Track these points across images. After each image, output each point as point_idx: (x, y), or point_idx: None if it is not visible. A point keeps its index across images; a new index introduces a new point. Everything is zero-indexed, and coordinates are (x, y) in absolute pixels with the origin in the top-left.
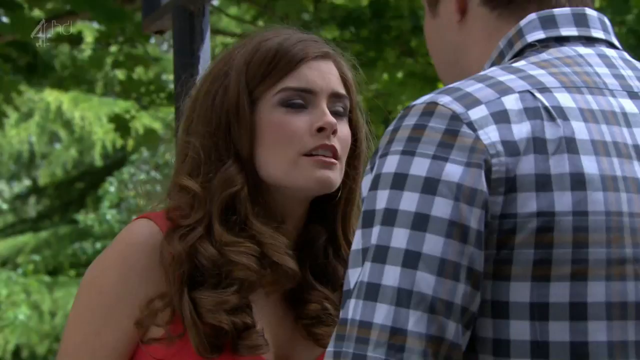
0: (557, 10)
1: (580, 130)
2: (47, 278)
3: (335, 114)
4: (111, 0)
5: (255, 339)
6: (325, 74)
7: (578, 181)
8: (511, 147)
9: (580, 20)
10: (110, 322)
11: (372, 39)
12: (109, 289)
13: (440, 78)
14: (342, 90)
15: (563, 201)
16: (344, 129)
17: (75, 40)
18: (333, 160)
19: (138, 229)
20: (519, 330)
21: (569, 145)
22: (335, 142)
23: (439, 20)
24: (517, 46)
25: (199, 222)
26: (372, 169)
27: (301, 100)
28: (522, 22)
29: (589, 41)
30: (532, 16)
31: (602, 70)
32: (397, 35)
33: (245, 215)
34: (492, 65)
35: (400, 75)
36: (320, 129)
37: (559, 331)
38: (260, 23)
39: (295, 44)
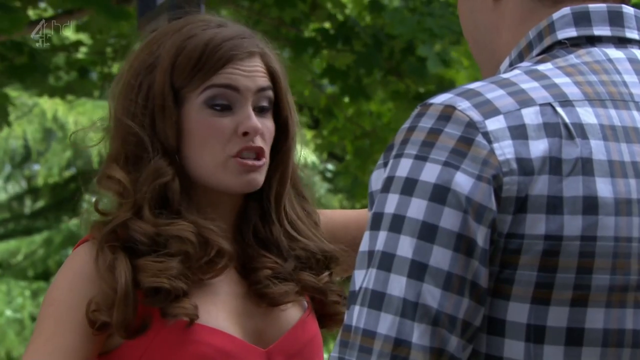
0: (592, 6)
1: (598, 149)
2: (40, 284)
3: (260, 110)
4: None
5: (185, 304)
6: (250, 73)
7: (590, 205)
8: (526, 166)
9: (615, 19)
10: (61, 327)
11: (363, 53)
12: (57, 299)
13: (475, 59)
14: (267, 83)
15: (573, 225)
16: (268, 122)
17: (74, 46)
18: (259, 163)
19: (79, 253)
20: (514, 350)
21: (585, 166)
22: (259, 141)
23: (474, 0)
24: (547, 41)
25: (127, 209)
26: (385, 164)
27: (226, 100)
28: (555, 15)
29: (622, 42)
30: (566, 10)
31: (631, 78)
32: (389, 53)
33: (178, 209)
34: (519, 54)
35: (385, 93)
36: (245, 133)
37: (553, 355)
38: (257, 29)
39: (222, 43)
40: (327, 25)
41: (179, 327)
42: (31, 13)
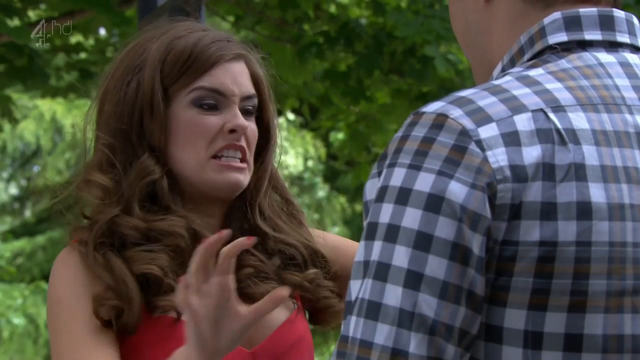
0: (583, 11)
1: (590, 155)
2: (43, 284)
3: (245, 112)
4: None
5: (174, 299)
6: (237, 77)
7: (584, 210)
8: (519, 173)
9: (606, 23)
10: (77, 318)
11: (364, 54)
12: (63, 296)
13: (467, 59)
14: (252, 91)
15: (567, 231)
16: (252, 125)
17: (74, 48)
18: (242, 165)
19: (65, 256)
20: (512, 356)
21: (578, 172)
22: (243, 142)
23: (465, 1)
24: (538, 46)
25: (113, 207)
26: (379, 174)
27: (213, 101)
28: (546, 20)
29: (613, 46)
30: (557, 15)
31: (622, 82)
32: (391, 54)
33: (166, 203)
34: (511, 59)
35: (386, 93)
36: (232, 131)
37: None
38: (259, 29)
39: (209, 45)
40: (328, 27)
41: (164, 323)
42: (31, 14)
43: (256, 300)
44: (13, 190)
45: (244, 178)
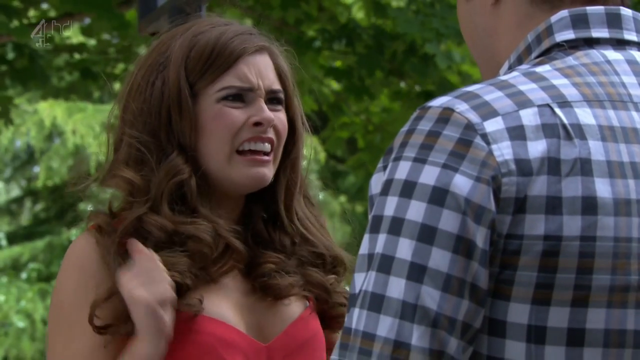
0: (590, 9)
1: (597, 150)
2: (44, 285)
3: (272, 101)
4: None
5: (191, 299)
6: (261, 70)
7: (589, 205)
8: (524, 167)
9: (613, 21)
10: (77, 329)
11: (365, 55)
12: (66, 301)
13: (475, 61)
14: (278, 85)
15: (572, 225)
16: (281, 116)
17: (77, 48)
18: (266, 158)
19: (79, 245)
20: (514, 350)
21: (584, 166)
22: (271, 133)
23: (473, 4)
24: (545, 44)
25: (141, 205)
26: (384, 167)
27: (240, 94)
28: (553, 18)
29: (620, 44)
30: (564, 13)
31: (629, 79)
32: (392, 54)
33: (194, 204)
34: (518, 58)
35: (387, 95)
36: (257, 124)
37: (554, 356)
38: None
39: (232, 38)
40: (328, 27)
41: (182, 317)
42: (32, 14)
43: (280, 291)
44: (15, 192)
45: (269, 172)
